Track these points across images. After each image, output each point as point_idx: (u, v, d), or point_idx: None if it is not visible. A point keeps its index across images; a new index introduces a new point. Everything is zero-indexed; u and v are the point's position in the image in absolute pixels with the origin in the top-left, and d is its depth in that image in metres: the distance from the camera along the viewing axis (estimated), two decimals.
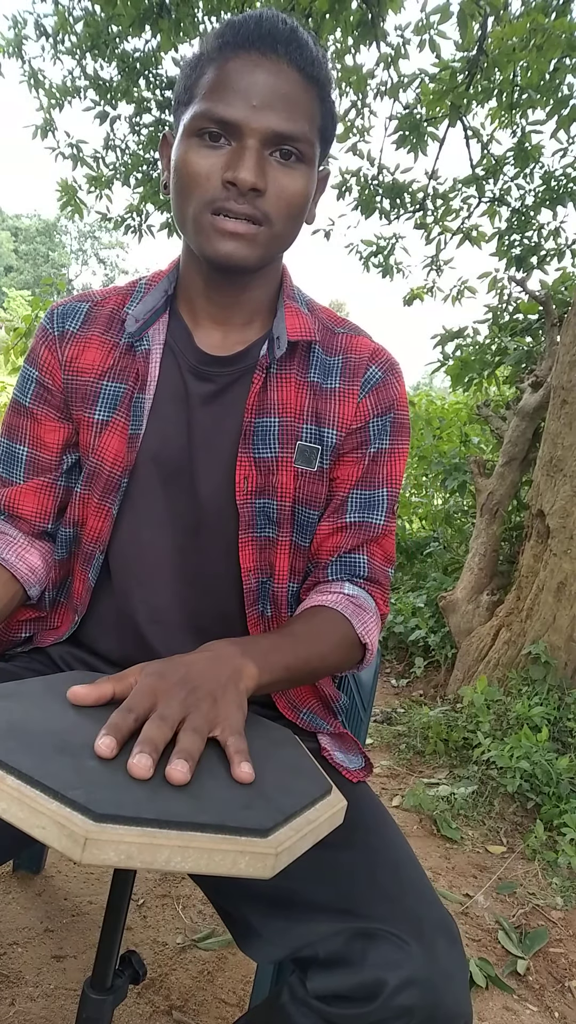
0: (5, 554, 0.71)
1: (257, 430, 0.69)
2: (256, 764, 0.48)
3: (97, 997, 0.61)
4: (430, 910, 0.57)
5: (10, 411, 0.77)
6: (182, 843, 0.39)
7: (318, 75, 0.63)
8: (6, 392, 5.16)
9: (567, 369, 2.14)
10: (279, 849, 0.41)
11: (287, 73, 0.61)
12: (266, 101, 0.60)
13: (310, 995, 0.55)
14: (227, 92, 0.61)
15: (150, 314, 0.71)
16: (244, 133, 0.61)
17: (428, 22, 2.91)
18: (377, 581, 0.74)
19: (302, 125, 0.62)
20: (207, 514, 0.70)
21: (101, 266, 51.19)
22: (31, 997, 1.00)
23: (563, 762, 1.72)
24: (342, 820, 0.49)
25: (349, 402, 0.71)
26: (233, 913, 0.63)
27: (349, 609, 0.69)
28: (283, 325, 0.70)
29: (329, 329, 0.74)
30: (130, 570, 0.72)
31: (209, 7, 3.01)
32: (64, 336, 0.73)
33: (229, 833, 0.40)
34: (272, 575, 0.71)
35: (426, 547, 3.43)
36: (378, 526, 0.73)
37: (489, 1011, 1.12)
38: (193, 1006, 1.03)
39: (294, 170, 0.63)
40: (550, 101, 2.87)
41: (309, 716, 0.74)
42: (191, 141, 0.63)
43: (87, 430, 0.72)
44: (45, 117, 3.59)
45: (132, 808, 0.39)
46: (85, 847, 0.37)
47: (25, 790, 0.39)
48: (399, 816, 1.67)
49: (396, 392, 0.73)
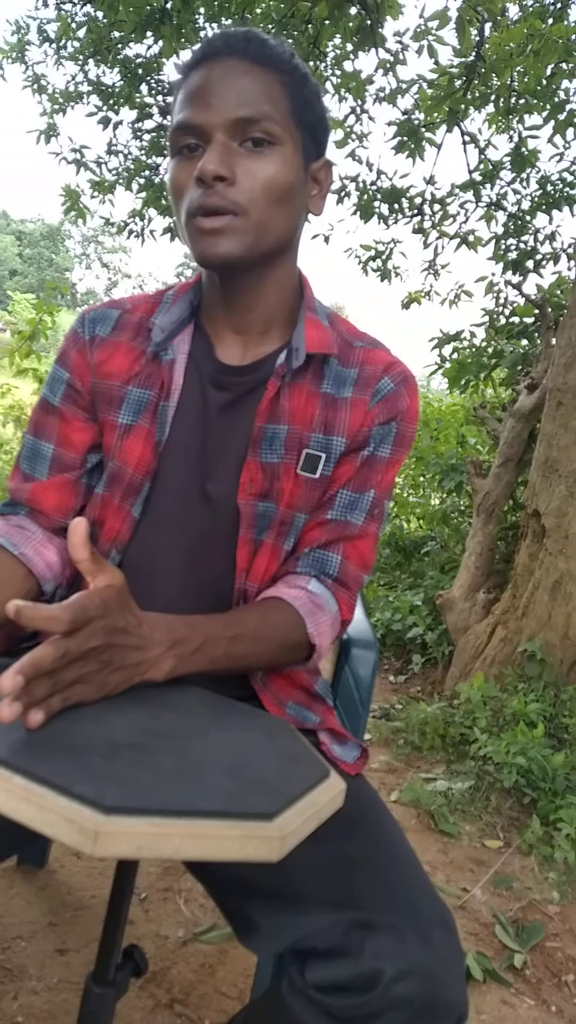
0: (24, 548, 0.72)
1: (266, 436, 0.70)
2: (254, 752, 0.49)
3: (99, 991, 0.61)
4: (427, 901, 0.57)
5: (38, 410, 0.78)
6: (190, 831, 0.40)
7: (276, 62, 0.64)
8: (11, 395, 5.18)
9: (562, 371, 2.16)
10: (285, 832, 0.42)
11: (241, 66, 0.63)
12: (223, 95, 0.62)
13: (309, 986, 0.55)
14: (189, 102, 0.63)
15: (175, 325, 0.72)
16: (209, 132, 0.62)
17: (426, 28, 2.93)
18: (345, 584, 0.73)
19: (262, 107, 0.62)
20: (216, 517, 0.71)
21: (104, 270, 51.24)
22: (34, 991, 1.00)
23: (559, 758, 1.74)
24: (342, 803, 0.50)
25: (359, 411, 0.71)
26: (233, 907, 0.63)
27: (306, 607, 0.68)
28: (302, 337, 0.70)
29: (347, 342, 0.74)
30: (142, 571, 0.72)
31: (210, 13, 3.03)
32: (94, 340, 0.74)
33: (235, 819, 0.41)
34: (249, 575, 0.72)
35: (423, 546, 3.45)
36: (355, 526, 0.73)
37: (486, 1005, 1.13)
38: (194, 999, 1.04)
39: (264, 155, 0.63)
40: (547, 106, 2.90)
41: (296, 709, 0.74)
42: (173, 159, 0.66)
43: (111, 432, 0.74)
44: (48, 122, 3.61)
45: (139, 799, 0.40)
46: (97, 840, 0.37)
47: (33, 789, 0.40)
48: (397, 811, 1.68)
49: (405, 404, 0.73)
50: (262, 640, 0.65)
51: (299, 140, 0.66)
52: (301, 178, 0.67)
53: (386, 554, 3.55)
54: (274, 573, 0.73)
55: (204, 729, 0.53)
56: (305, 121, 0.67)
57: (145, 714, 0.52)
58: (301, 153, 0.67)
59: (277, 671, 0.73)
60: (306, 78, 0.67)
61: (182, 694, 0.58)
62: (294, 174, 0.65)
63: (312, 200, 0.71)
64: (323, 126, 0.70)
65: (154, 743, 0.48)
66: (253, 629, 0.64)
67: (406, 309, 3.78)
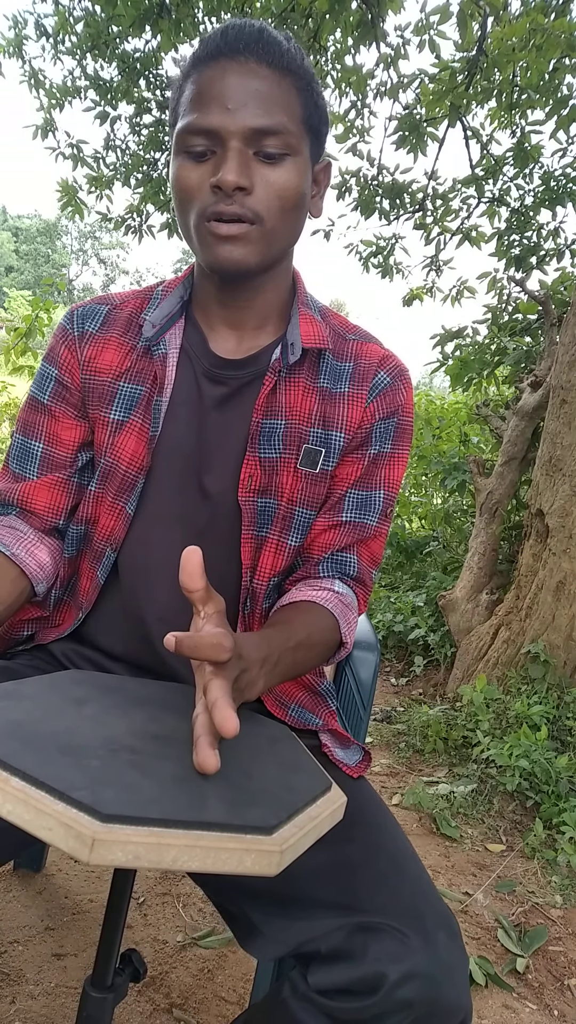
0: (15, 549, 0.72)
1: (264, 431, 0.71)
2: (256, 761, 0.49)
3: (98, 995, 0.61)
4: (430, 904, 0.57)
5: (27, 408, 0.78)
6: (188, 842, 0.39)
7: (291, 66, 0.64)
8: (7, 392, 5.17)
9: (566, 369, 2.15)
10: (284, 846, 0.41)
11: (257, 70, 0.63)
12: (240, 101, 0.62)
13: (311, 989, 0.55)
14: (203, 102, 0.63)
15: (166, 319, 0.73)
16: (224, 137, 0.62)
17: (428, 22, 2.92)
18: (363, 581, 0.76)
19: (280, 118, 0.63)
20: (216, 514, 0.71)
21: (102, 266, 51.21)
22: (32, 995, 1.00)
23: (562, 761, 1.73)
24: (342, 816, 0.49)
25: (357, 406, 0.72)
26: (234, 912, 0.63)
27: (339, 609, 0.70)
28: (297, 332, 0.71)
29: (340, 336, 0.75)
30: (140, 569, 0.72)
31: (209, 7, 3.02)
32: (84, 336, 0.75)
33: (234, 831, 0.41)
34: (255, 572, 0.72)
35: (426, 546, 3.43)
36: (371, 527, 0.74)
37: (489, 1009, 1.12)
38: (193, 1004, 1.03)
39: (280, 164, 0.64)
40: (549, 101, 2.88)
41: (297, 711, 0.74)
42: (180, 158, 0.65)
43: (102, 429, 0.74)
44: (45, 117, 3.58)
45: (138, 808, 0.39)
46: (93, 848, 0.37)
47: (31, 792, 0.39)
48: (399, 814, 1.67)
49: (403, 398, 0.74)
50: (314, 645, 0.66)
51: (308, 145, 0.67)
52: (308, 183, 0.68)
53: (388, 554, 3.54)
54: (280, 570, 0.73)
55: None
56: (313, 127, 0.68)
57: (147, 716, 0.52)
58: (309, 158, 0.68)
59: None
60: (314, 79, 0.68)
61: (183, 696, 0.57)
62: (304, 181, 0.67)
63: (312, 202, 0.72)
64: (326, 128, 0.71)
65: (155, 748, 0.47)
66: (307, 636, 0.65)
67: (408, 306, 3.76)
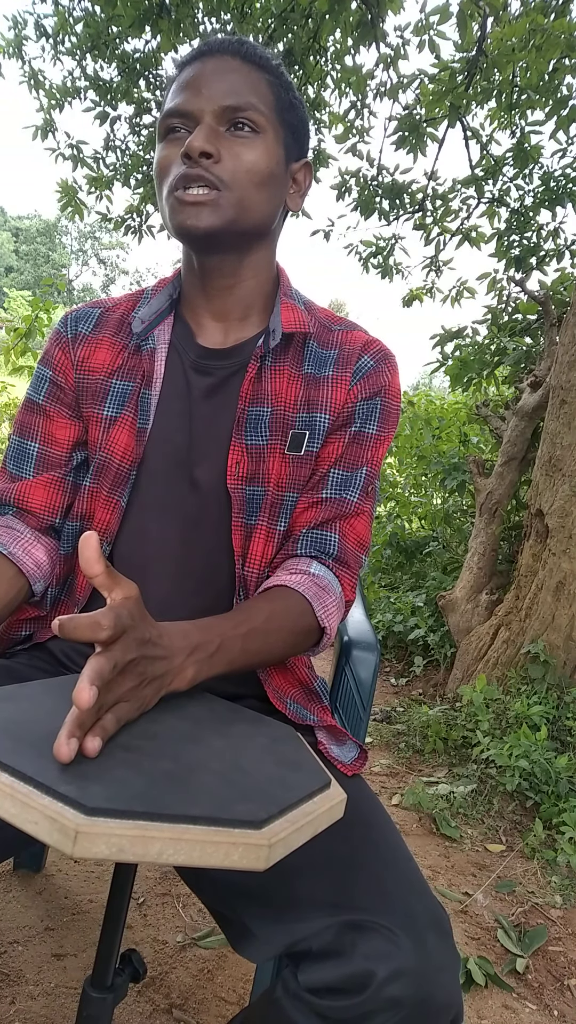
0: (12, 548, 0.72)
1: (250, 418, 0.72)
2: (255, 760, 0.49)
3: (97, 995, 0.61)
4: (421, 902, 0.57)
5: (23, 410, 0.80)
6: (174, 835, 0.39)
7: (266, 65, 0.69)
8: (6, 392, 5.18)
9: (566, 369, 2.15)
10: (272, 840, 0.41)
11: (231, 62, 0.68)
12: (213, 85, 0.67)
13: (302, 988, 0.55)
14: (181, 91, 0.68)
15: (155, 316, 0.75)
16: (197, 116, 0.66)
17: (427, 23, 2.92)
18: (346, 563, 0.73)
19: (248, 98, 0.67)
20: (207, 504, 0.72)
21: (101, 266, 51.19)
22: (32, 995, 1.00)
23: (562, 761, 1.72)
24: (342, 814, 0.49)
25: (341, 388, 0.73)
26: (228, 914, 0.62)
27: (312, 591, 0.68)
28: (279, 319, 0.73)
29: (326, 327, 0.76)
30: (135, 561, 0.72)
31: (209, 7, 3.02)
32: (77, 338, 0.77)
33: (222, 825, 0.41)
34: (246, 560, 0.72)
35: (425, 546, 3.43)
36: (351, 503, 0.73)
37: (488, 1009, 1.12)
38: (193, 1004, 1.03)
39: (248, 140, 0.67)
40: (549, 102, 2.88)
41: (295, 707, 0.74)
42: (161, 143, 0.70)
43: (96, 426, 0.75)
44: (45, 118, 3.59)
45: (124, 802, 0.40)
46: (76, 840, 0.37)
47: (18, 787, 0.40)
48: (398, 814, 1.67)
49: (387, 379, 0.74)
50: (273, 631, 0.64)
51: (281, 135, 0.70)
52: (281, 169, 0.71)
53: (387, 555, 3.54)
54: (271, 557, 0.73)
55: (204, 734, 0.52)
56: (288, 121, 0.71)
57: (146, 717, 0.52)
58: (282, 147, 0.71)
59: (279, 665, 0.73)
60: (291, 86, 0.72)
61: (188, 699, 0.57)
62: (274, 163, 0.69)
63: (291, 197, 0.75)
64: (304, 130, 0.74)
65: (150, 746, 0.47)
66: (263, 622, 0.63)
67: (407, 306, 3.76)
